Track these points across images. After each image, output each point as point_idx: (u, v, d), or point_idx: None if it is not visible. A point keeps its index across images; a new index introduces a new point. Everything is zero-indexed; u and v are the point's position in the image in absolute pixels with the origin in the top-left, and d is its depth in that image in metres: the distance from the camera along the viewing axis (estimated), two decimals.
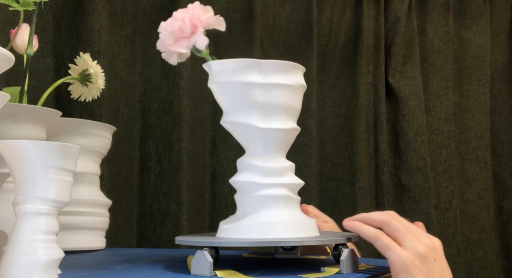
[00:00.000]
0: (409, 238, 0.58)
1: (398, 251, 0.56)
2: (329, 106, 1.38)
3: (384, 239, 0.58)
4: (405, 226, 0.59)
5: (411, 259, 0.56)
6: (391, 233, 0.59)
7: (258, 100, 0.64)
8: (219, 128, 1.31)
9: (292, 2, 1.38)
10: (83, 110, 1.14)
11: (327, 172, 1.37)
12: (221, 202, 1.29)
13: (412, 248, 0.57)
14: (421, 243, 0.58)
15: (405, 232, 0.58)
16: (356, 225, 0.60)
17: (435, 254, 0.58)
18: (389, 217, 0.60)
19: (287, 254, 0.77)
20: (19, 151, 0.48)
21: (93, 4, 1.15)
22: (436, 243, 0.60)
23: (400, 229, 0.58)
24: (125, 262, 0.74)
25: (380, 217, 0.60)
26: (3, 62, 0.46)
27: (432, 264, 0.57)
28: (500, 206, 1.42)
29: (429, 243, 0.59)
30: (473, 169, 1.41)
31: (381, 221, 0.60)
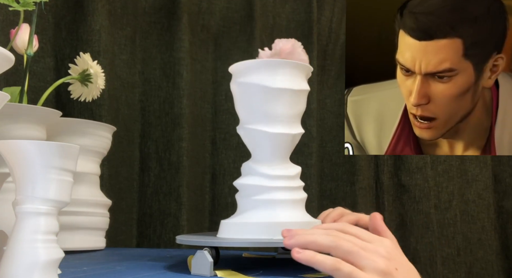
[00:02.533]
0: (364, 258, 0.53)
1: (362, 277, 0.52)
2: (329, 106, 1.38)
3: (344, 268, 0.53)
4: (355, 245, 0.54)
5: None
6: (344, 257, 0.54)
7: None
8: (219, 128, 1.31)
9: (292, 2, 1.38)
10: (83, 110, 1.14)
11: (327, 172, 1.37)
12: (221, 202, 1.28)
13: (372, 268, 0.52)
14: (377, 257, 0.53)
15: (358, 252, 0.53)
16: (307, 257, 0.54)
17: (394, 263, 0.54)
18: (335, 239, 0.55)
19: (287, 254, 0.77)
20: (19, 151, 0.48)
21: (93, 4, 1.15)
22: (389, 249, 0.56)
23: (351, 250, 0.54)
24: (125, 262, 0.74)
25: (326, 241, 0.55)
26: (3, 62, 0.46)
27: (397, 275, 0.53)
28: (500, 206, 1.42)
29: (384, 252, 0.54)
30: (473, 169, 1.41)
31: (328, 245, 0.55)
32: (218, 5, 1.33)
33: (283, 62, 0.67)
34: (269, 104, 0.66)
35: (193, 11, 1.30)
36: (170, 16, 1.27)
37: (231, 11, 1.34)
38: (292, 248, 0.56)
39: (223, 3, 1.34)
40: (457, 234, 1.35)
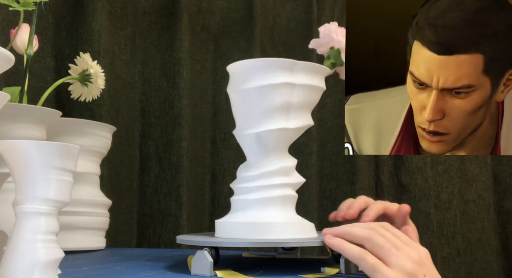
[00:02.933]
0: (395, 255, 0.54)
1: (385, 272, 0.53)
2: (329, 106, 1.38)
3: (369, 259, 0.54)
4: (389, 242, 0.55)
5: None
6: (375, 250, 0.55)
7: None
8: (219, 128, 1.31)
9: (292, 2, 1.38)
10: (83, 110, 1.14)
11: (327, 172, 1.37)
12: (221, 202, 1.28)
13: (399, 266, 0.53)
14: (408, 259, 0.54)
15: (389, 249, 0.54)
16: (338, 243, 0.56)
17: (424, 269, 0.54)
18: (371, 232, 0.56)
19: (287, 254, 0.77)
20: (19, 151, 0.48)
21: (93, 4, 1.15)
22: (423, 255, 0.56)
23: (383, 246, 0.55)
24: (125, 262, 0.74)
25: (362, 233, 0.56)
26: (3, 62, 0.46)
27: None
28: (500, 206, 1.42)
29: (416, 257, 0.55)
30: (473, 169, 1.41)
31: (363, 237, 0.56)
32: (218, 5, 1.33)
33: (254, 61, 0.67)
34: (240, 105, 0.66)
35: (193, 11, 1.30)
36: (170, 16, 1.27)
37: (231, 11, 1.34)
38: (333, 244, 0.58)
39: (223, 3, 1.34)
40: (457, 234, 1.35)
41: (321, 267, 0.62)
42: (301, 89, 0.68)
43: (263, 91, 0.65)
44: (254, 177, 0.66)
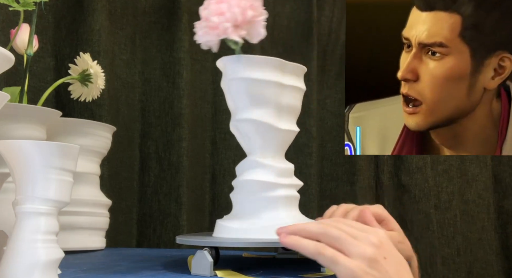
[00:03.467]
0: (352, 244, 0.51)
1: (345, 262, 0.50)
2: (329, 106, 1.38)
3: (327, 253, 0.51)
4: (344, 232, 0.53)
5: (361, 268, 0.50)
6: (331, 243, 0.52)
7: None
8: (219, 128, 1.31)
9: (292, 2, 1.38)
10: (83, 110, 1.14)
11: (327, 172, 1.37)
12: (221, 202, 1.28)
13: (359, 254, 0.51)
14: (366, 245, 0.51)
15: (346, 239, 0.52)
16: (292, 241, 0.54)
17: (384, 252, 0.52)
18: (325, 226, 0.54)
19: (287, 254, 0.77)
20: (19, 151, 0.48)
21: (93, 4, 1.15)
22: (381, 237, 0.53)
23: (339, 237, 0.52)
24: (125, 262, 0.74)
25: (316, 228, 0.54)
26: (3, 62, 0.46)
27: (384, 265, 0.51)
28: (500, 206, 1.42)
29: (374, 240, 0.52)
30: (473, 169, 1.41)
31: (318, 232, 0.54)
32: None
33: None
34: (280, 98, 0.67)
35: (193, 11, 1.30)
36: (170, 16, 1.27)
37: None
38: (288, 243, 0.55)
39: None
40: (457, 234, 1.35)
41: (321, 267, 0.62)
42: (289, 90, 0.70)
43: (298, 93, 0.68)
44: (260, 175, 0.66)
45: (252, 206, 0.65)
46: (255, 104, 0.65)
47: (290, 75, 0.67)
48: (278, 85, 0.66)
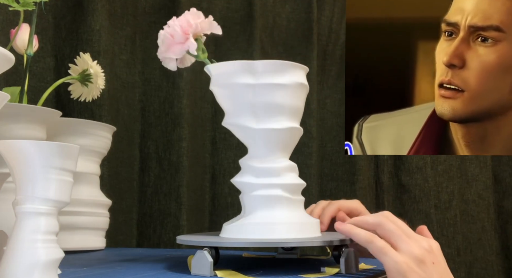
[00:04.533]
0: (405, 241, 0.53)
1: (393, 255, 0.52)
2: (329, 106, 1.38)
3: (378, 242, 0.53)
4: (399, 228, 0.55)
5: (407, 264, 0.52)
6: (385, 235, 0.55)
7: (252, 101, 0.65)
8: (219, 128, 1.31)
9: (292, 2, 1.38)
10: (83, 110, 1.14)
11: (327, 172, 1.37)
12: (221, 202, 1.28)
13: (408, 251, 0.53)
14: (417, 245, 0.54)
15: (400, 235, 0.54)
16: (347, 228, 0.56)
17: (433, 257, 0.54)
18: (382, 218, 0.56)
19: (287, 254, 0.77)
20: (19, 151, 0.48)
21: (93, 4, 1.15)
22: (434, 246, 0.56)
23: (394, 231, 0.54)
24: (125, 262, 0.74)
25: (373, 219, 0.56)
26: (3, 62, 0.46)
27: (431, 268, 0.53)
28: (500, 206, 1.42)
29: (426, 245, 0.54)
30: (473, 169, 1.41)
31: (374, 223, 0.56)
32: (218, 5, 1.33)
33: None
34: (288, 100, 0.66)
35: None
36: (170, 16, 1.26)
37: (231, 11, 1.34)
38: (342, 230, 0.58)
39: (223, 3, 1.34)
40: (457, 234, 1.35)
41: (321, 267, 0.62)
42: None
43: (295, 89, 0.66)
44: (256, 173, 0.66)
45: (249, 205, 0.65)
46: (233, 109, 0.67)
47: (263, 74, 0.66)
48: (249, 86, 0.65)
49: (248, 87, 0.65)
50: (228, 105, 0.68)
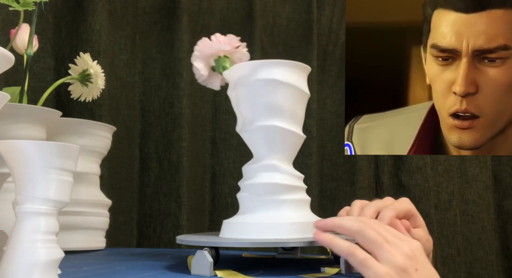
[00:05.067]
0: (386, 250, 0.52)
1: (375, 268, 0.51)
2: (329, 106, 1.38)
3: (359, 255, 0.52)
4: (380, 235, 0.53)
5: (389, 275, 0.50)
6: (366, 244, 0.53)
7: (265, 101, 0.67)
8: (219, 128, 1.31)
9: (292, 2, 1.38)
10: (83, 110, 1.14)
11: (327, 172, 1.37)
12: (221, 202, 1.28)
13: (390, 262, 0.51)
14: (399, 254, 0.52)
15: (381, 243, 0.52)
16: (327, 239, 0.54)
17: (415, 263, 0.52)
18: (363, 225, 0.54)
19: (287, 254, 0.77)
20: (19, 151, 0.48)
21: (93, 4, 1.15)
22: (415, 249, 0.54)
23: (375, 240, 0.52)
24: (125, 262, 0.74)
25: (353, 226, 0.54)
26: (3, 62, 0.46)
27: (414, 276, 0.51)
28: (500, 206, 1.42)
29: (407, 251, 0.52)
30: (473, 169, 1.41)
31: (354, 230, 0.54)
32: (218, 5, 1.33)
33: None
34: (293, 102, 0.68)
35: (193, 11, 1.30)
36: (170, 16, 1.27)
37: (231, 11, 1.34)
38: (319, 229, 0.56)
39: (223, 3, 1.34)
40: (457, 234, 1.35)
41: (321, 267, 0.62)
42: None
43: (300, 94, 0.68)
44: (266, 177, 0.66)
45: (251, 206, 0.65)
46: (274, 110, 0.67)
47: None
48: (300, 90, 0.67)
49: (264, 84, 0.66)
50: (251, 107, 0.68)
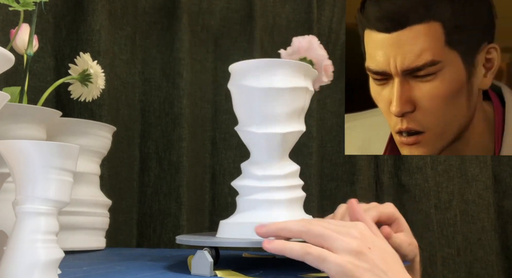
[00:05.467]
0: (336, 239, 0.51)
1: (333, 258, 0.49)
2: (329, 106, 1.38)
3: (313, 252, 0.50)
4: (326, 228, 0.52)
5: (349, 262, 0.49)
6: (315, 241, 0.52)
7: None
8: (219, 128, 1.31)
9: (292, 2, 1.38)
10: (83, 110, 1.14)
11: (327, 172, 1.37)
12: (221, 202, 1.28)
13: (344, 249, 0.50)
14: (349, 238, 0.51)
15: (329, 234, 0.51)
16: (277, 246, 0.52)
17: (367, 243, 0.51)
18: (306, 224, 0.53)
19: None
20: (19, 151, 0.48)
21: (93, 4, 1.15)
22: (361, 229, 0.53)
23: (323, 233, 0.51)
24: (125, 262, 0.74)
25: (298, 227, 0.53)
26: (3, 62, 0.46)
27: (370, 254, 0.50)
28: (500, 206, 1.42)
29: (356, 234, 0.51)
30: (473, 169, 1.41)
31: (300, 230, 0.53)
32: (218, 5, 1.33)
33: (278, 61, 0.68)
34: (263, 104, 0.66)
35: (193, 11, 1.30)
36: (170, 16, 1.27)
37: (231, 11, 1.34)
38: (264, 237, 0.55)
39: (223, 3, 1.34)
40: (457, 234, 1.35)
41: None
42: (310, 94, 0.71)
43: (288, 93, 0.66)
44: (262, 177, 0.66)
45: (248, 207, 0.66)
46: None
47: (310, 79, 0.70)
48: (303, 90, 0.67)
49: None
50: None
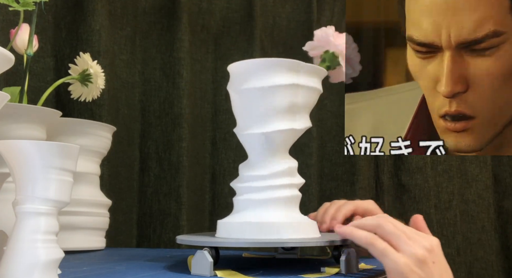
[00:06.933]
0: (405, 242, 0.53)
1: (394, 257, 0.52)
2: (329, 106, 1.38)
3: (379, 244, 0.53)
4: (399, 229, 0.55)
5: (408, 266, 0.52)
6: (385, 237, 0.54)
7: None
8: (219, 128, 1.31)
9: (292, 2, 1.38)
10: (83, 110, 1.14)
11: (327, 172, 1.36)
12: (221, 202, 1.28)
13: (409, 252, 0.53)
14: (418, 246, 0.53)
15: (400, 235, 0.54)
16: (348, 230, 0.56)
17: (433, 257, 0.54)
18: (381, 220, 0.56)
19: (287, 254, 0.77)
20: (19, 151, 0.48)
21: (93, 4, 1.15)
22: (434, 244, 0.56)
23: (394, 232, 0.54)
24: (125, 262, 0.74)
25: (372, 221, 0.56)
26: (3, 62, 0.46)
27: (431, 268, 0.53)
28: (500, 206, 1.42)
29: (427, 244, 0.54)
30: (473, 169, 1.41)
31: (373, 225, 0.56)
32: (218, 5, 1.33)
33: (256, 61, 0.68)
34: (244, 105, 0.66)
35: (193, 11, 1.30)
36: (170, 16, 1.27)
37: (231, 11, 1.34)
38: (342, 232, 0.58)
39: (223, 3, 1.34)
40: (457, 234, 1.35)
41: (321, 267, 0.62)
42: (304, 90, 0.68)
43: (268, 92, 0.65)
44: (259, 177, 0.66)
45: (249, 207, 0.65)
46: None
47: (304, 75, 0.68)
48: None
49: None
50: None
